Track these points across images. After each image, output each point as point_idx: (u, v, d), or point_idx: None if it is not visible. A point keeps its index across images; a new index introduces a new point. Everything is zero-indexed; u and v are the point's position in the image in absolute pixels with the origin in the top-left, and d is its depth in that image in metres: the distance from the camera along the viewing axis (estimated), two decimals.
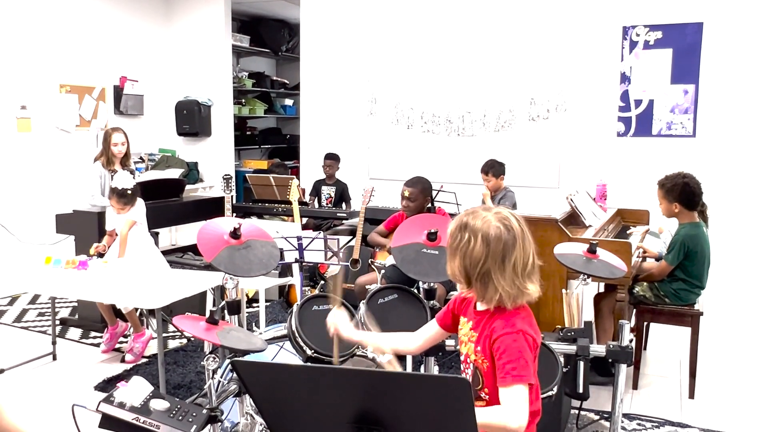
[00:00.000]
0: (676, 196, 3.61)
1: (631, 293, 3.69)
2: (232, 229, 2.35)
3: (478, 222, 1.70)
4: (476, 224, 1.69)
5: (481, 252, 1.67)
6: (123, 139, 4.80)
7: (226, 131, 7.32)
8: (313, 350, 2.14)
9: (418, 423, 1.39)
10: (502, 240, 1.66)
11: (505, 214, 1.72)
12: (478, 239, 1.67)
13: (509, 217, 1.71)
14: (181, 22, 7.28)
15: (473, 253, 1.68)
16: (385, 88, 6.26)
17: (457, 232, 1.72)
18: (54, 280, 3.58)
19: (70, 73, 6.25)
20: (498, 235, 1.67)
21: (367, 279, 4.28)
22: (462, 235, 1.71)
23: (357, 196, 5.55)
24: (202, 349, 4.17)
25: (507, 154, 5.42)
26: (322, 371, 1.49)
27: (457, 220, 1.76)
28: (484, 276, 1.68)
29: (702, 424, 3.27)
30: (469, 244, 1.68)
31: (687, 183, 3.60)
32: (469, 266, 1.69)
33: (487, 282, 1.68)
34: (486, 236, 1.67)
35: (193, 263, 4.71)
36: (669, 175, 3.70)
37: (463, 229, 1.71)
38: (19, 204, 5.78)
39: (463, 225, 1.72)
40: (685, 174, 3.65)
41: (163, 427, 1.66)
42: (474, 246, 1.67)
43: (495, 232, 1.67)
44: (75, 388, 3.70)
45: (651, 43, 5.22)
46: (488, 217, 1.70)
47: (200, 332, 1.96)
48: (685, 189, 3.60)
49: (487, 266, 1.67)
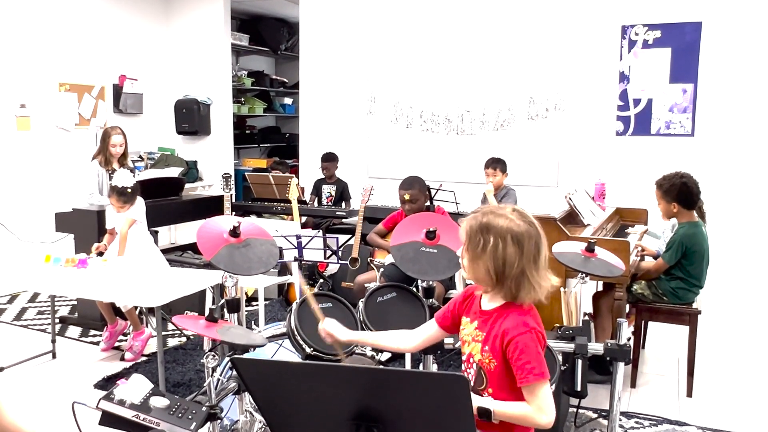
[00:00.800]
0: (674, 196, 3.62)
1: (630, 292, 3.70)
2: (232, 227, 2.35)
3: (501, 221, 1.66)
4: (500, 224, 1.66)
5: (514, 252, 1.64)
6: (121, 140, 4.81)
7: (226, 130, 7.32)
8: (312, 348, 2.14)
9: (416, 420, 1.40)
10: (533, 237, 1.66)
11: (520, 210, 1.71)
12: (508, 240, 1.64)
13: (525, 213, 1.71)
14: (181, 20, 7.28)
15: (505, 254, 1.65)
16: (385, 87, 6.26)
17: (479, 235, 1.68)
18: (53, 279, 3.59)
19: (69, 72, 6.25)
20: (528, 232, 1.66)
21: (366, 277, 4.29)
22: (486, 238, 1.66)
23: (356, 195, 5.55)
24: (202, 347, 4.18)
25: (506, 153, 5.42)
26: (321, 368, 1.50)
27: (474, 222, 1.71)
28: (519, 275, 1.66)
29: (700, 422, 3.28)
30: (497, 247, 1.65)
31: (685, 183, 3.61)
32: (501, 268, 1.66)
33: (522, 280, 1.66)
34: (516, 236, 1.65)
35: (193, 262, 4.71)
36: (666, 175, 3.71)
37: (486, 232, 1.67)
38: (18, 202, 5.79)
39: (484, 227, 1.68)
40: (682, 174, 3.65)
41: (163, 424, 1.66)
42: (505, 247, 1.64)
43: (525, 230, 1.66)
44: (74, 386, 3.70)
45: (650, 42, 5.23)
46: (509, 215, 1.68)
47: (200, 329, 1.97)
48: (683, 189, 3.60)
49: (522, 265, 1.65)
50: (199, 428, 1.72)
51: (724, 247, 4.75)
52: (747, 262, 4.95)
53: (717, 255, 3.85)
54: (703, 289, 3.71)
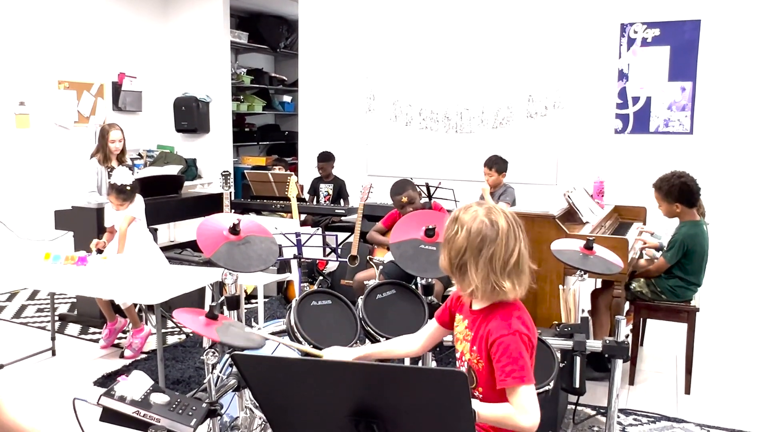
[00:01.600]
0: (675, 197, 3.61)
1: (628, 289, 3.71)
2: (232, 224, 2.36)
3: (467, 215, 1.74)
4: (465, 217, 1.74)
5: (461, 243, 1.71)
6: (120, 136, 4.81)
7: (225, 128, 7.32)
8: (311, 345, 2.15)
9: (415, 416, 1.41)
10: (482, 233, 1.69)
11: (496, 211, 1.73)
12: (462, 231, 1.71)
13: (499, 214, 1.73)
14: (180, 18, 7.27)
15: (456, 243, 1.72)
16: (384, 85, 6.26)
17: (450, 224, 1.77)
18: (53, 276, 3.59)
19: (68, 70, 6.25)
20: (479, 228, 1.70)
21: (366, 275, 4.30)
22: (452, 227, 1.75)
23: (355, 192, 5.56)
24: (201, 344, 4.19)
25: (505, 150, 5.42)
26: (320, 365, 1.51)
27: (452, 214, 1.80)
28: (462, 267, 1.72)
29: (697, 419, 3.29)
30: (455, 236, 1.73)
31: (684, 182, 3.60)
32: (453, 257, 1.73)
33: (464, 273, 1.72)
34: (468, 229, 1.71)
35: (192, 259, 4.72)
36: (662, 177, 3.69)
37: (454, 222, 1.76)
38: (17, 200, 5.79)
39: (454, 218, 1.77)
40: (680, 174, 3.65)
41: (163, 421, 1.67)
42: (458, 237, 1.72)
43: (477, 225, 1.70)
44: (74, 383, 3.71)
45: (649, 40, 5.23)
46: (478, 211, 1.74)
47: (200, 328, 1.98)
48: (684, 188, 3.60)
49: (465, 258, 1.70)
50: (199, 425, 1.73)
51: (723, 245, 4.77)
52: (745, 260, 4.96)
53: (715, 253, 3.86)
54: (701, 287, 3.72)
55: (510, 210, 1.80)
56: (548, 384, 2.28)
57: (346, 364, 1.58)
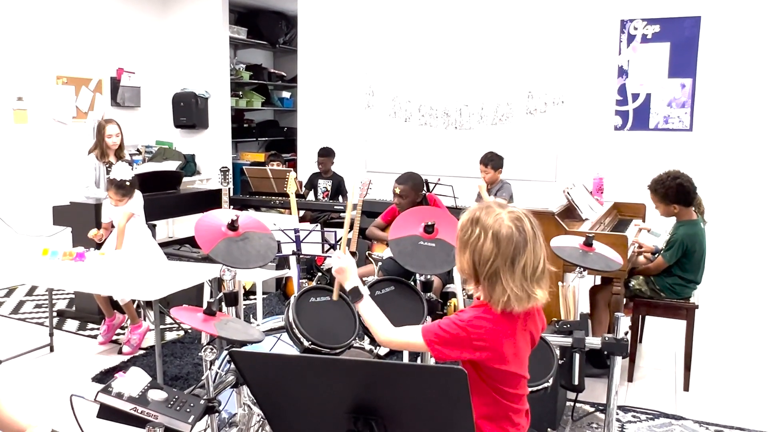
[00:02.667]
0: (673, 198, 3.61)
1: (627, 287, 3.71)
2: (230, 220, 2.35)
3: (490, 219, 1.65)
4: (488, 221, 1.65)
5: (490, 250, 1.63)
6: (117, 130, 4.80)
7: (224, 123, 7.30)
8: (310, 342, 2.14)
9: (414, 412, 1.40)
10: (513, 241, 1.62)
11: (519, 215, 1.67)
12: (488, 237, 1.63)
13: (522, 218, 1.66)
14: (179, 13, 7.25)
15: (482, 250, 1.64)
16: (383, 81, 6.25)
17: (468, 225, 1.69)
18: (51, 272, 3.59)
19: (66, 65, 6.23)
20: (509, 235, 1.62)
21: (364, 271, 4.29)
22: (473, 230, 1.67)
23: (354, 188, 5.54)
24: (199, 341, 4.18)
25: (504, 147, 5.42)
26: (319, 362, 1.50)
27: (470, 213, 1.72)
28: (493, 275, 1.63)
29: (696, 416, 3.29)
30: (479, 240, 1.64)
31: (680, 183, 3.60)
32: (478, 263, 1.65)
33: (495, 282, 1.63)
34: (496, 235, 1.63)
35: (190, 255, 4.71)
36: (657, 179, 3.67)
37: (475, 224, 1.67)
38: (16, 196, 5.78)
39: (474, 219, 1.68)
40: (674, 174, 3.64)
41: (161, 417, 1.66)
42: (484, 243, 1.64)
43: (506, 231, 1.63)
44: (72, 379, 3.71)
45: (648, 36, 5.22)
46: (501, 215, 1.66)
47: (198, 324, 1.97)
48: (680, 189, 3.60)
49: (496, 266, 1.63)
50: (197, 421, 1.72)
51: (722, 242, 4.77)
52: (744, 257, 4.96)
53: (714, 250, 3.86)
54: (700, 285, 3.72)
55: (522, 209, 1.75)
56: (547, 381, 2.28)
57: (345, 361, 1.57)
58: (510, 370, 1.67)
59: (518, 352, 1.69)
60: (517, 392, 1.72)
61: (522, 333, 1.71)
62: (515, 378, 1.70)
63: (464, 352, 1.64)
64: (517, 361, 1.68)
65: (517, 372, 1.69)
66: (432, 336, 1.67)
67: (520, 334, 1.69)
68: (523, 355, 1.71)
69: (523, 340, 1.71)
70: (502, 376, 1.68)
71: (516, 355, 1.68)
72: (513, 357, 1.66)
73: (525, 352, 1.73)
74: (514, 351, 1.67)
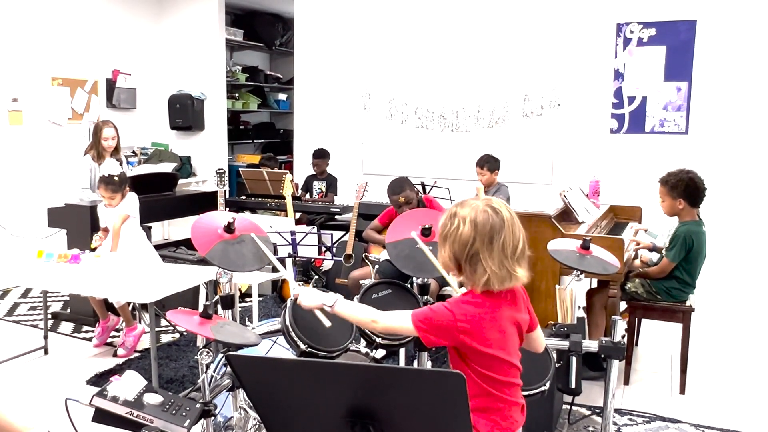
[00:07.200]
0: (680, 191, 3.59)
1: (624, 290, 3.70)
2: (226, 223, 2.34)
3: (466, 209, 1.74)
4: (464, 211, 1.74)
5: (469, 234, 1.70)
6: (113, 133, 4.78)
7: (220, 125, 7.29)
8: (306, 345, 2.13)
9: (412, 417, 1.40)
10: (489, 222, 1.70)
11: (494, 203, 1.75)
12: (466, 223, 1.71)
13: (498, 204, 1.75)
14: (175, 15, 7.24)
15: (461, 236, 1.71)
16: (380, 84, 6.25)
17: (447, 220, 1.77)
18: (46, 274, 3.57)
19: (62, 66, 6.21)
20: (485, 218, 1.71)
21: (361, 273, 4.29)
22: (451, 222, 1.75)
23: (350, 191, 5.54)
24: (195, 343, 4.17)
25: (501, 150, 5.43)
26: (315, 365, 1.49)
27: (448, 212, 1.80)
28: (473, 257, 1.71)
29: (692, 419, 3.29)
30: (458, 230, 1.72)
31: (692, 178, 3.59)
32: (458, 250, 1.72)
33: (476, 263, 1.70)
34: (473, 219, 1.71)
35: (186, 258, 4.69)
36: (671, 172, 3.66)
37: (452, 217, 1.75)
38: (10, 197, 5.75)
39: (452, 214, 1.77)
40: (688, 170, 3.63)
41: (156, 421, 1.65)
42: (462, 230, 1.71)
43: (482, 216, 1.71)
44: (67, 382, 3.69)
45: (644, 40, 5.24)
46: (477, 204, 1.75)
47: (194, 326, 1.96)
48: (690, 184, 3.58)
49: (476, 247, 1.70)
50: (193, 425, 1.71)
51: (719, 245, 4.77)
52: (741, 260, 4.97)
53: (711, 253, 3.86)
54: (696, 288, 3.72)
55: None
56: (544, 384, 2.27)
57: (342, 365, 1.57)
58: (495, 354, 1.70)
59: (504, 336, 1.72)
60: (508, 380, 1.74)
61: (507, 318, 1.74)
62: (503, 364, 1.72)
63: (449, 335, 1.70)
64: (503, 344, 1.72)
65: (503, 357, 1.71)
66: (422, 319, 1.72)
67: (505, 319, 1.74)
68: (509, 341, 1.74)
69: (509, 326, 1.75)
70: (488, 362, 1.70)
71: (501, 340, 1.71)
72: (497, 341, 1.70)
73: (512, 339, 1.76)
74: (499, 334, 1.71)
